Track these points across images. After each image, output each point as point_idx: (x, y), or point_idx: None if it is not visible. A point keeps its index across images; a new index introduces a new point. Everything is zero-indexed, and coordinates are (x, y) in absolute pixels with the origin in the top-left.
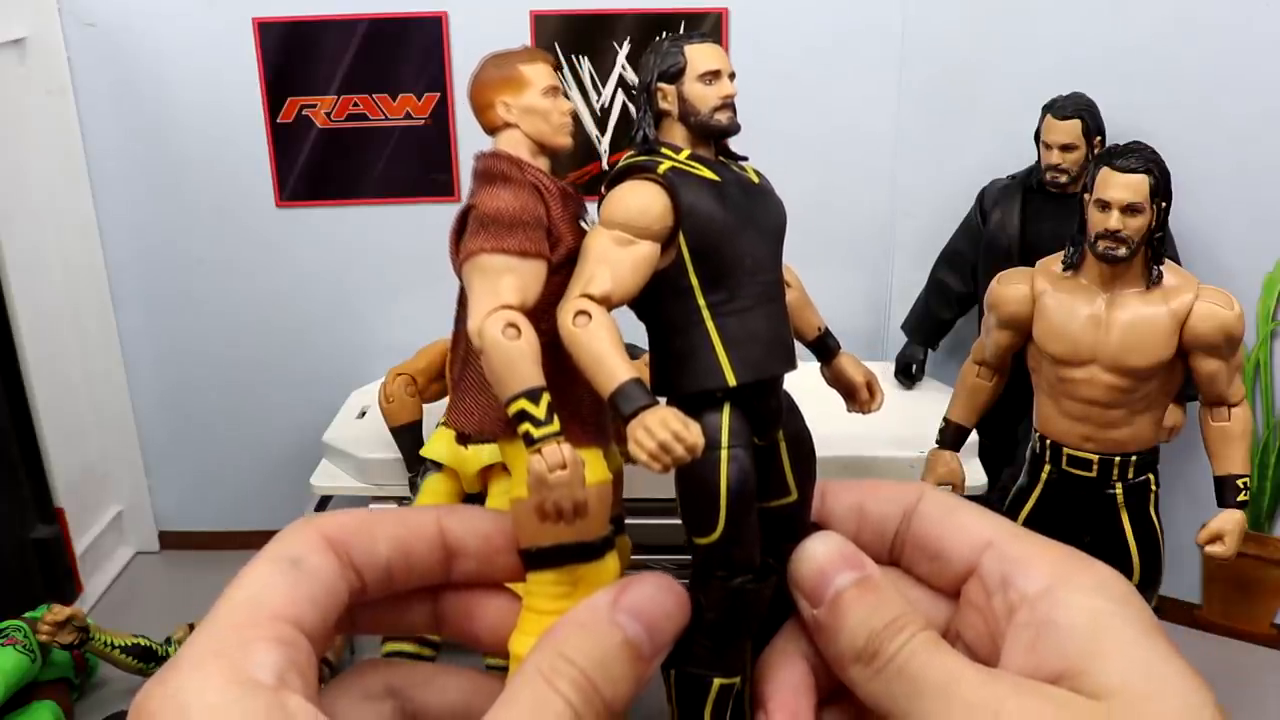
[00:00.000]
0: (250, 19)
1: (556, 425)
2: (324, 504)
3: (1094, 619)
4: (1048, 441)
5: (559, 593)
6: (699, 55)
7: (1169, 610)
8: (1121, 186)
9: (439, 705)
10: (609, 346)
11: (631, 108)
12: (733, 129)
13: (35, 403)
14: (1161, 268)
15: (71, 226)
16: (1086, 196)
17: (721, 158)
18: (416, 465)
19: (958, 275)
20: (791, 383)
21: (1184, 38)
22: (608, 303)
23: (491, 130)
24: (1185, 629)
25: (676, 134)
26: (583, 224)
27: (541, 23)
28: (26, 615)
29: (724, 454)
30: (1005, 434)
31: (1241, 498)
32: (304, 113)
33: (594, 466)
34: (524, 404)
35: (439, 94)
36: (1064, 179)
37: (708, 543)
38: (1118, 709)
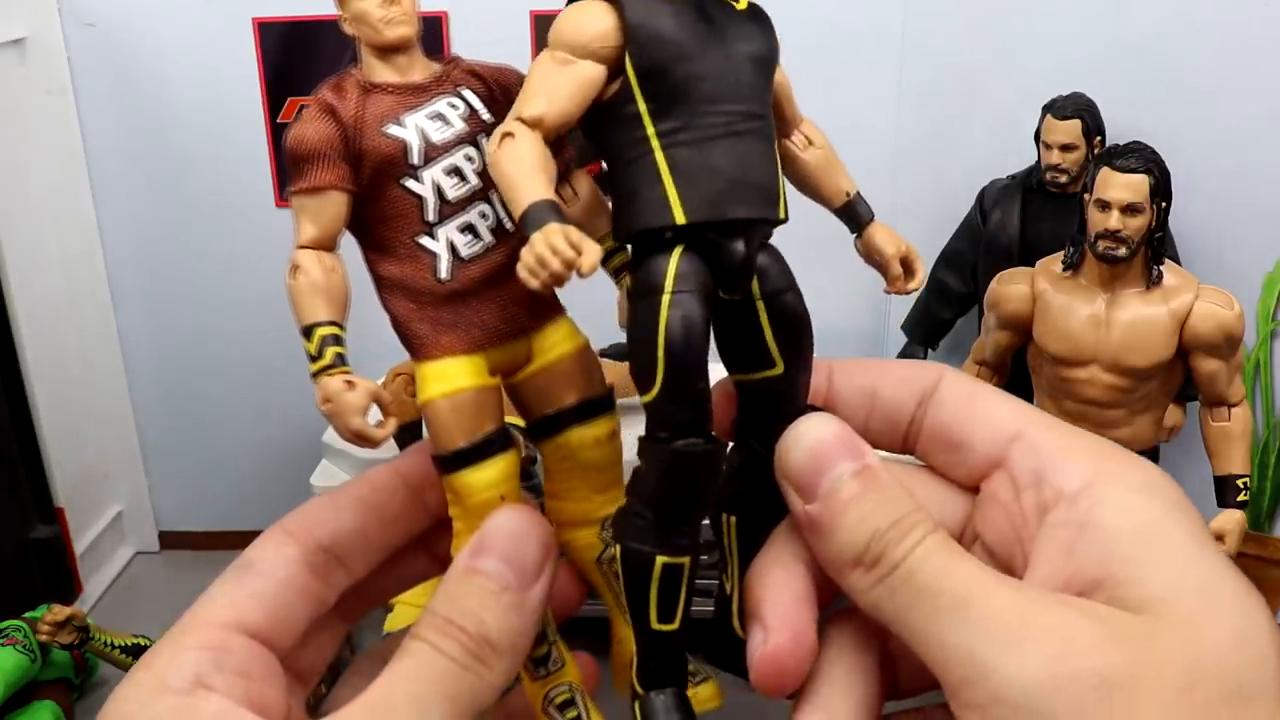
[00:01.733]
0: (250, 19)
1: (325, 359)
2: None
3: (1141, 522)
4: None
5: (452, 500)
6: None
7: None
8: (1121, 186)
9: None
10: (525, 168)
11: None
12: None
13: (35, 403)
14: (1161, 268)
15: (71, 226)
16: (1086, 196)
17: None
18: None
19: (958, 275)
20: None
21: (1184, 38)
22: (540, 125)
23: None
24: None
25: None
26: (395, 122)
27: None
28: (26, 615)
29: (665, 298)
30: None
31: (1241, 498)
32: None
33: (442, 377)
34: (304, 342)
35: None
36: (1064, 179)
37: (649, 400)
38: (1164, 626)
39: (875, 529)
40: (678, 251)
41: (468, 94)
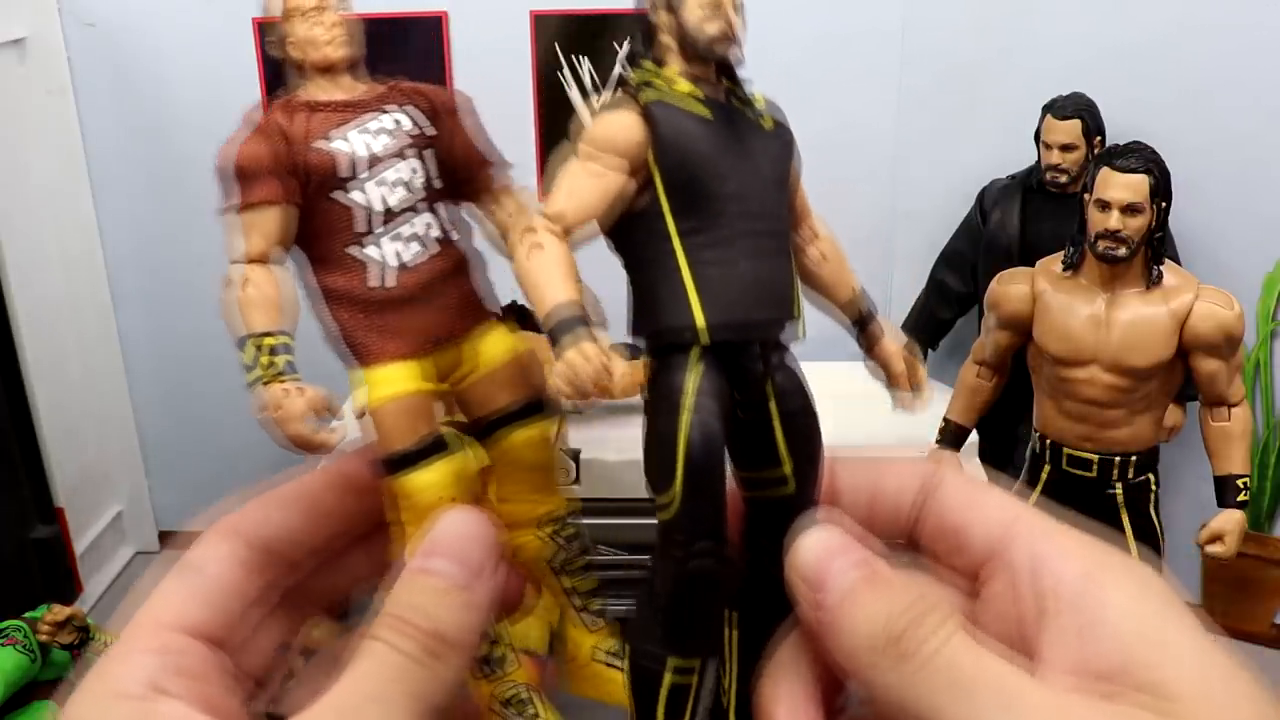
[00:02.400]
0: (250, 19)
1: (262, 370)
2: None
3: (1146, 612)
4: (1048, 441)
5: (389, 495)
6: None
7: None
8: (1121, 186)
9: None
10: (544, 268)
11: None
12: (723, 43)
13: (35, 403)
14: (1161, 268)
15: (71, 226)
16: (1086, 196)
17: (734, 96)
18: None
19: (958, 275)
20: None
21: (1184, 38)
22: (560, 220)
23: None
24: None
25: (675, 64)
26: (329, 138)
27: (541, 22)
28: (26, 615)
29: (687, 402)
30: (1005, 434)
31: (1241, 498)
32: None
33: (387, 381)
34: (240, 352)
35: None
36: (1064, 179)
37: (665, 507)
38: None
39: (889, 614)
40: (696, 355)
41: (412, 110)
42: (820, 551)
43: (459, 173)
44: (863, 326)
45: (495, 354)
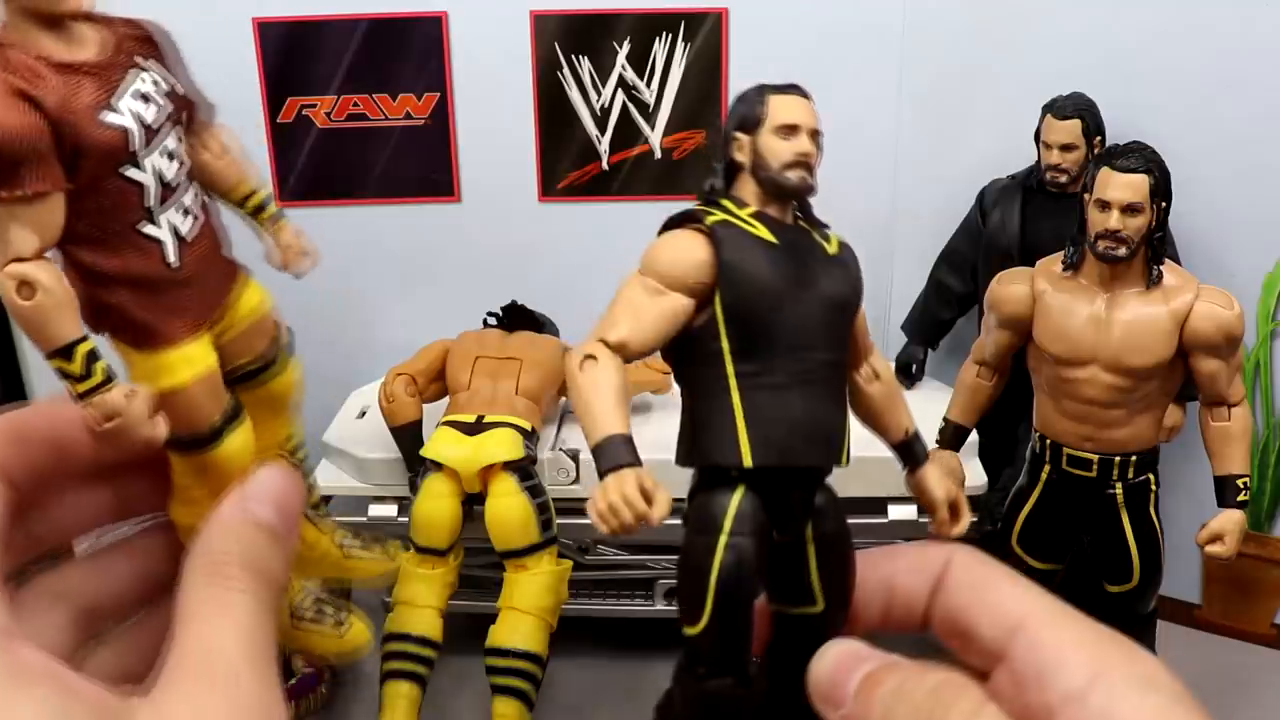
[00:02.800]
0: (250, 19)
1: (98, 377)
2: (324, 504)
3: (1153, 714)
4: (1048, 441)
5: (191, 469)
6: (780, 106)
7: (1169, 610)
8: (1121, 186)
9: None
10: (602, 398)
11: (632, 108)
12: (804, 189)
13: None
14: (1161, 268)
15: None
16: (1086, 196)
17: (801, 221)
18: (416, 465)
19: (957, 275)
20: None
21: (1184, 38)
22: (623, 350)
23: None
24: (1185, 629)
25: (747, 188)
26: (109, 109)
27: (541, 22)
28: None
29: (722, 539)
30: (1005, 434)
31: (1241, 498)
32: (304, 113)
33: (188, 361)
34: (59, 363)
35: (439, 94)
36: (1064, 179)
37: (693, 633)
38: None
39: (915, 704)
40: (739, 492)
41: (154, 66)
42: (838, 657)
43: None
44: (912, 470)
45: (252, 307)
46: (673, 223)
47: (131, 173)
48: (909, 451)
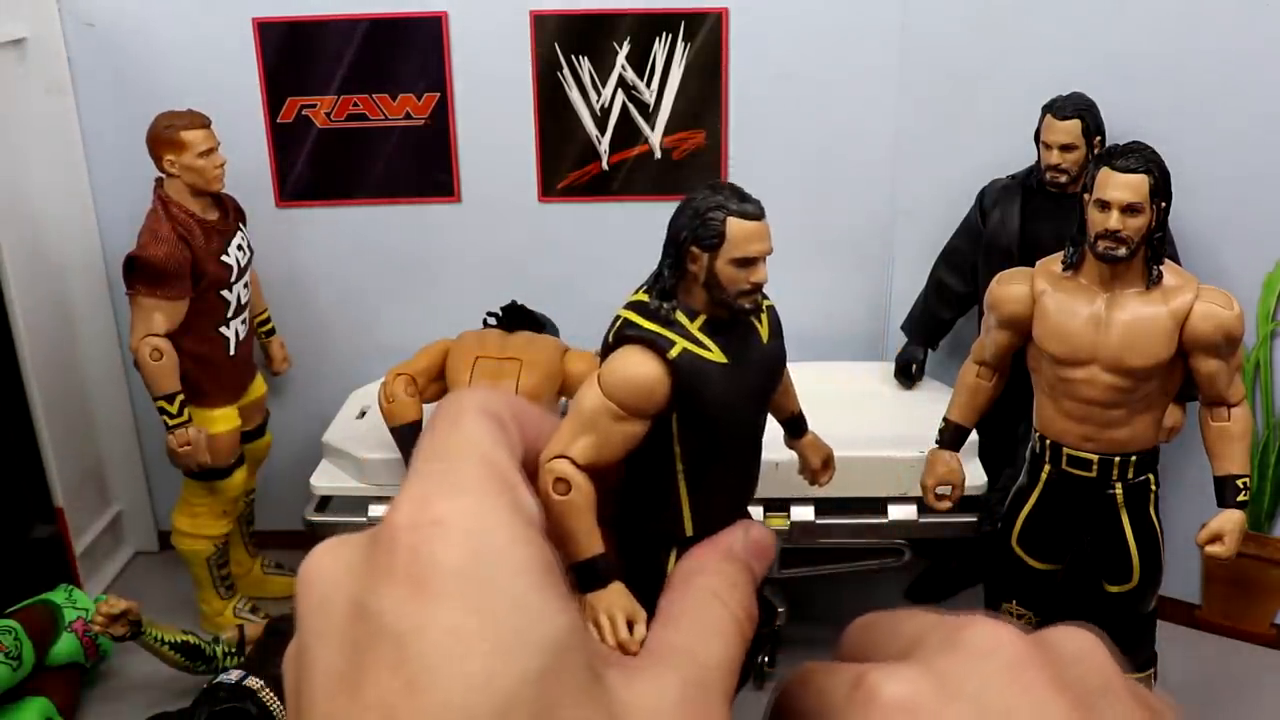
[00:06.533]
0: (250, 19)
1: (184, 417)
2: (324, 504)
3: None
4: (1047, 441)
5: (202, 491)
6: (741, 236)
7: (1169, 610)
8: (1121, 186)
9: None
10: (580, 523)
11: (632, 108)
12: (754, 313)
13: (35, 403)
14: (1161, 268)
15: (71, 226)
16: (1086, 196)
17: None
18: None
19: (957, 275)
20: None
21: (1184, 39)
22: (590, 468)
23: (162, 172)
24: (1185, 629)
25: (696, 296)
26: (225, 254)
27: (541, 23)
28: (80, 604)
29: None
30: (1005, 434)
31: (1241, 498)
32: (304, 113)
33: (225, 419)
34: (163, 404)
35: (439, 94)
36: (1064, 179)
37: None
38: None
39: None
40: (675, 554)
41: (244, 229)
42: None
43: None
44: (796, 438)
45: (260, 393)
46: (634, 338)
47: (225, 294)
48: (795, 426)
